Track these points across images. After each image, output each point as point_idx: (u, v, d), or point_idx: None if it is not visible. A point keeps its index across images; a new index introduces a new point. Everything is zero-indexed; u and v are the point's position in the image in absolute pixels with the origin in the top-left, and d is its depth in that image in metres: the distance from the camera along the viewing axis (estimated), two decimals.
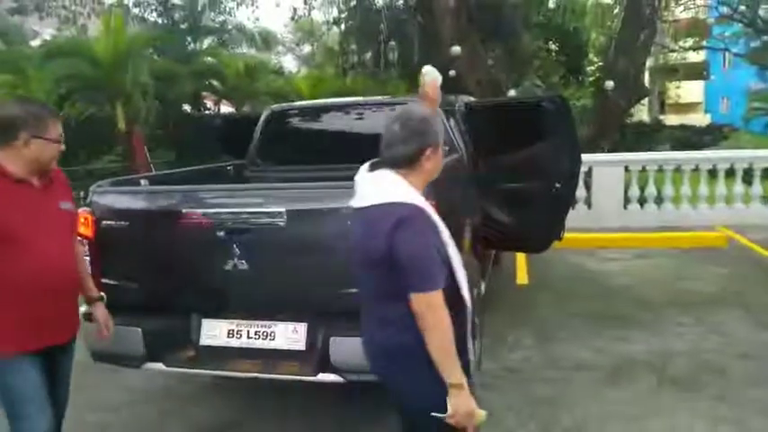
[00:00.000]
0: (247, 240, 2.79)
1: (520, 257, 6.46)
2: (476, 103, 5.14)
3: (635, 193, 8.27)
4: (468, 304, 1.90)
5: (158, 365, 2.97)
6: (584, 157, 4.72)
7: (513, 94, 10.96)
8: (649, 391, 3.55)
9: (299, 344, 2.85)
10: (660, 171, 8.34)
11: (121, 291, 2.94)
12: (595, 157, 8.34)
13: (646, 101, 22.50)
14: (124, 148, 12.20)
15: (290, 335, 2.88)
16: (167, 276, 3.00)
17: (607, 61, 12.34)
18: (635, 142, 16.49)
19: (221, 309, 2.99)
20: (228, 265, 2.80)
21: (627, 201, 8.28)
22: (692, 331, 4.45)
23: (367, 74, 19.28)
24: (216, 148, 5.69)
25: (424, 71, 2.67)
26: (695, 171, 8.34)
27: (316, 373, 2.77)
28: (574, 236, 6.37)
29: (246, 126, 4.92)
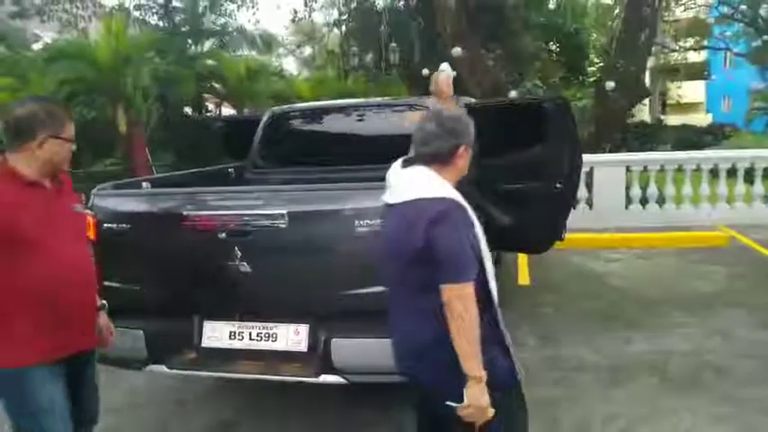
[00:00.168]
0: (249, 242, 2.79)
1: (521, 258, 6.45)
2: (477, 103, 5.14)
3: (636, 193, 8.25)
4: (495, 299, 1.94)
5: (161, 368, 2.97)
6: (585, 157, 4.73)
7: (513, 94, 10.95)
8: (651, 391, 3.55)
9: (300, 345, 2.86)
10: (661, 171, 8.33)
11: (124, 293, 2.94)
12: (597, 158, 8.34)
13: (647, 101, 22.47)
14: (125, 150, 12.21)
15: (291, 336, 2.88)
16: (169, 279, 3.01)
17: (608, 62, 12.36)
18: (636, 142, 16.50)
19: (223, 311, 2.99)
20: (230, 267, 2.80)
21: (628, 201, 8.26)
22: (693, 331, 4.45)
23: (368, 75, 19.35)
24: (217, 150, 5.70)
25: (441, 68, 2.69)
26: (697, 171, 8.33)
27: (317, 375, 2.77)
28: (575, 236, 6.37)
29: (248, 128, 4.92)
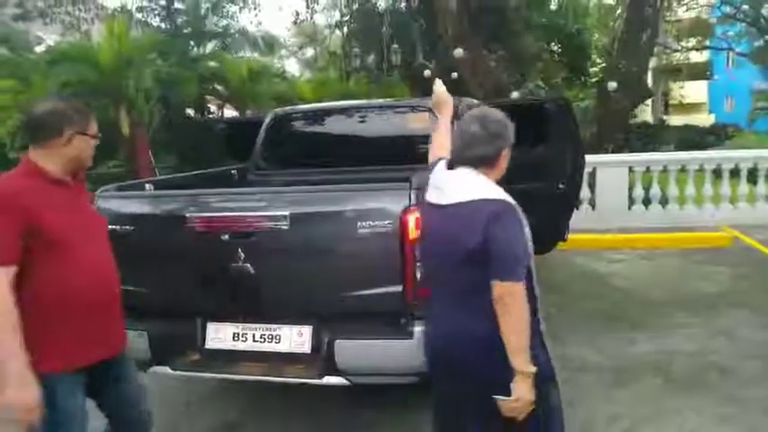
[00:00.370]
0: (252, 244, 2.79)
1: None
2: (478, 104, 5.13)
3: (639, 193, 8.24)
4: (538, 296, 1.96)
5: (164, 369, 2.97)
6: (588, 157, 4.71)
7: (515, 95, 10.95)
8: (655, 392, 3.54)
9: (304, 347, 2.85)
10: (664, 171, 8.30)
11: (127, 295, 2.94)
12: (599, 158, 8.31)
13: (649, 101, 22.45)
14: (128, 152, 12.23)
15: (295, 338, 2.88)
16: (172, 280, 3.01)
17: (610, 62, 12.34)
18: (639, 143, 16.49)
19: (226, 312, 2.99)
20: (233, 269, 2.80)
21: (631, 201, 8.25)
22: (697, 332, 4.44)
23: (370, 77, 19.36)
24: (219, 151, 5.70)
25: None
26: (699, 171, 8.32)
27: (321, 376, 2.76)
28: (578, 237, 6.37)
29: (250, 130, 4.92)
